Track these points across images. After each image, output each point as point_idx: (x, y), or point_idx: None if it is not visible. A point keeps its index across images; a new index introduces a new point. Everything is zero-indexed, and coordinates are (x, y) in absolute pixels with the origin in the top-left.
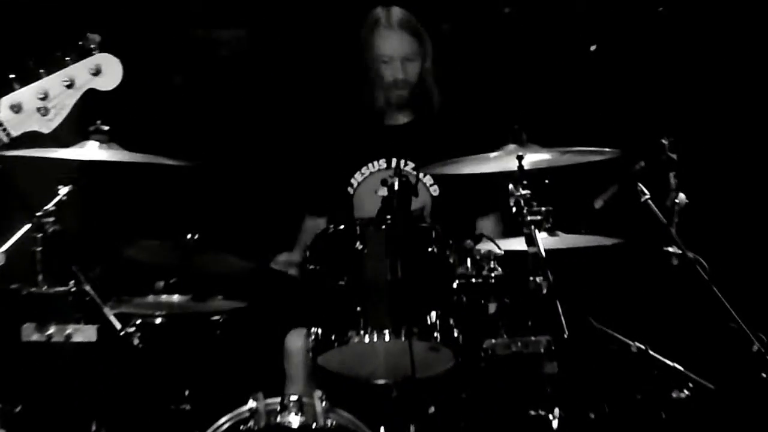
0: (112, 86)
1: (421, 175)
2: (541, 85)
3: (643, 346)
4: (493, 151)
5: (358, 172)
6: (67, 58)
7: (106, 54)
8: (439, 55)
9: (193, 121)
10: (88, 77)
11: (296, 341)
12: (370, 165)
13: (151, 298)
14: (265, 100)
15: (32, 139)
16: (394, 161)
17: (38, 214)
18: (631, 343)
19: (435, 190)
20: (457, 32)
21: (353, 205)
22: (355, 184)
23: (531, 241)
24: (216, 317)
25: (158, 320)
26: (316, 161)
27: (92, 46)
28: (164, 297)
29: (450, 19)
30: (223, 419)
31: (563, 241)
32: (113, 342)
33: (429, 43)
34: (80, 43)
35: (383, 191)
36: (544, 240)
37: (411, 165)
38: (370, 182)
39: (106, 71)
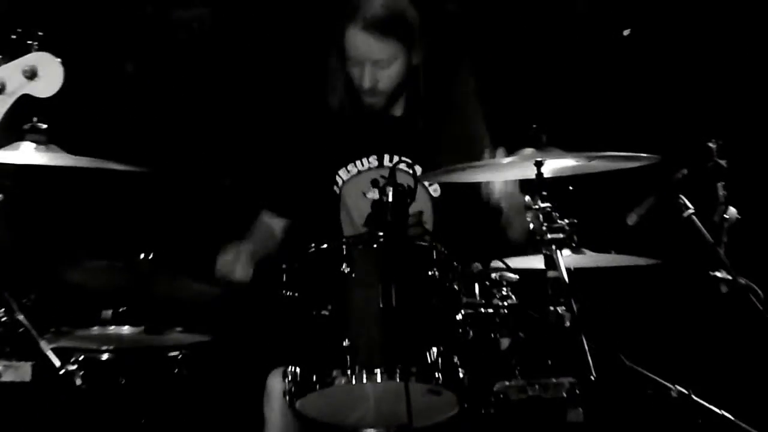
0: (51, 92)
1: (418, 173)
2: (564, 76)
3: (685, 390)
4: (507, 153)
5: (344, 169)
6: None
7: (44, 53)
8: (441, 41)
9: (147, 117)
10: (21, 81)
11: (277, 383)
12: (358, 162)
13: (96, 329)
14: (230, 90)
15: None
16: (386, 159)
17: None
18: (671, 386)
19: (435, 191)
20: (466, 13)
21: (339, 207)
22: (340, 183)
23: (552, 263)
24: (174, 353)
25: (105, 356)
26: (290, 155)
27: (29, 42)
28: (112, 329)
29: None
30: None
31: (590, 261)
32: (51, 382)
33: (418, 35)
34: (13, 36)
35: (373, 194)
36: (567, 260)
37: (406, 162)
38: (359, 181)
39: (43, 74)
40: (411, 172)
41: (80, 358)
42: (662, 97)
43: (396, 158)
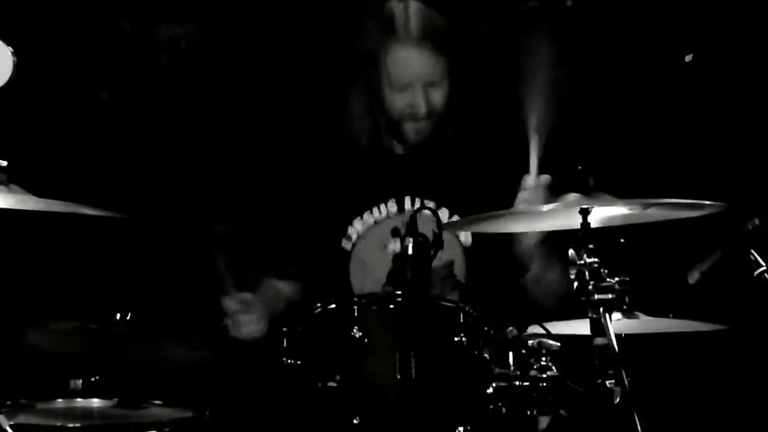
0: None
1: (444, 217)
2: (615, 109)
3: None
4: (548, 200)
5: (358, 220)
6: None
7: None
8: (471, 66)
9: (125, 154)
10: None
11: None
12: (375, 210)
13: (61, 402)
14: (223, 123)
15: None
16: (408, 203)
17: None
18: None
19: (467, 239)
20: (498, 34)
21: (350, 270)
22: (354, 237)
23: (599, 328)
24: (152, 431)
25: None
26: (291, 204)
27: None
28: (80, 402)
29: (489, 18)
30: None
31: (645, 326)
32: None
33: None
34: None
35: (395, 245)
36: (617, 326)
37: (430, 206)
38: (376, 233)
39: None
40: (436, 218)
41: None
42: (730, 135)
43: (418, 202)
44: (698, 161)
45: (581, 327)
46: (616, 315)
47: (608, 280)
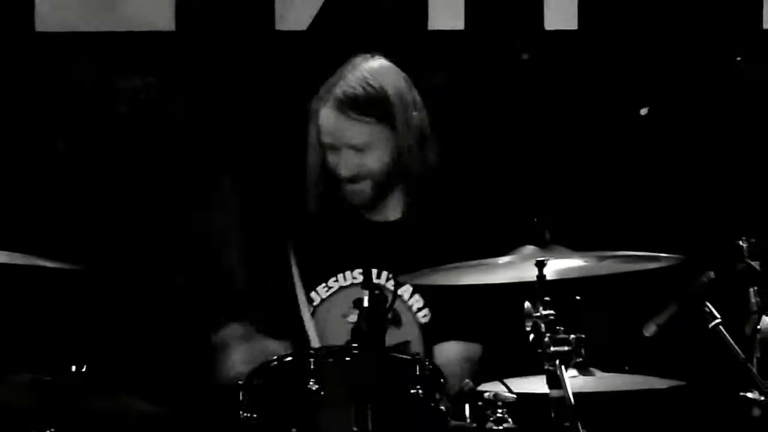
0: None
1: (405, 295)
2: (571, 163)
3: None
4: (502, 254)
5: (322, 286)
6: None
7: None
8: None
9: (80, 204)
10: None
11: None
12: (340, 276)
13: None
14: (180, 176)
15: None
16: (375, 275)
17: None
18: None
19: (425, 316)
20: (456, 84)
21: (308, 335)
22: (317, 301)
23: (555, 381)
24: None
25: None
26: (254, 262)
27: None
28: None
29: (446, 67)
30: None
31: (600, 383)
32: None
33: (413, 111)
34: None
35: (354, 317)
36: (574, 383)
37: (384, 276)
38: (337, 301)
39: None
40: (400, 293)
41: None
42: (685, 188)
43: (384, 275)
44: (654, 214)
45: (537, 385)
46: (572, 372)
47: (564, 334)
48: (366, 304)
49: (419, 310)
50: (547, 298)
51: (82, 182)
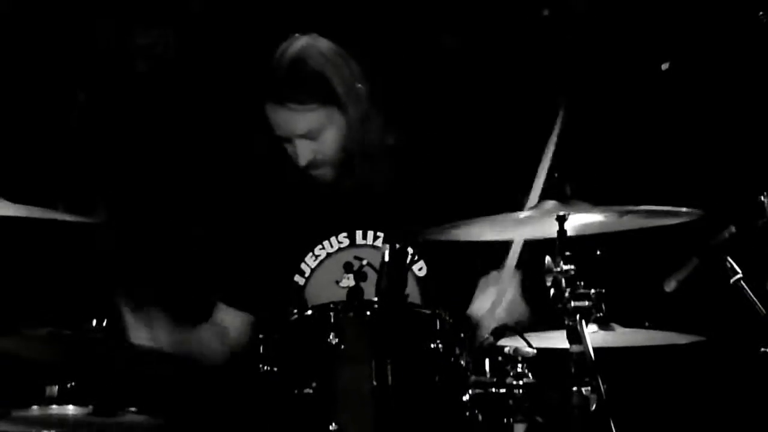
0: None
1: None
2: (592, 118)
3: None
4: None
5: (310, 256)
6: None
7: None
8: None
9: (99, 158)
10: None
11: None
12: (326, 243)
13: (37, 410)
14: (195, 134)
15: None
16: (359, 236)
17: None
18: None
19: (421, 269)
20: (474, 40)
21: (306, 302)
22: (308, 272)
23: (575, 337)
24: None
25: None
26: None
27: None
28: (55, 408)
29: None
30: None
31: (620, 337)
32: None
33: (356, 83)
34: None
35: (348, 280)
36: (594, 338)
37: (382, 237)
38: (328, 268)
39: None
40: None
41: None
42: (707, 143)
43: (370, 235)
44: (674, 169)
45: (557, 340)
46: (592, 327)
47: (584, 289)
48: (387, 258)
49: (415, 263)
50: (567, 254)
51: (102, 134)
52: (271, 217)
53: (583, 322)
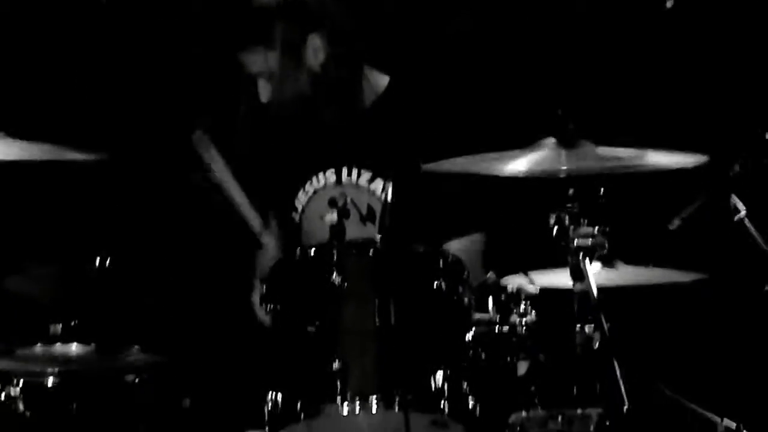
0: None
1: (378, 189)
2: (596, 57)
3: (734, 424)
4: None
5: (301, 192)
6: None
7: None
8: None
9: (104, 94)
10: None
11: None
12: (314, 179)
13: (40, 348)
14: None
15: None
16: (345, 174)
17: None
18: (717, 419)
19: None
20: None
21: (302, 240)
22: (300, 208)
23: (578, 275)
24: (131, 377)
25: (50, 380)
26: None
27: None
28: (58, 347)
29: None
30: None
31: (624, 275)
32: None
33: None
34: None
35: (332, 216)
36: (597, 277)
37: (366, 176)
38: (315, 204)
39: None
40: (372, 189)
41: (21, 383)
42: (711, 81)
43: (355, 171)
44: (679, 107)
45: (561, 278)
46: (596, 265)
47: (588, 227)
48: (389, 196)
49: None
50: (570, 191)
51: (106, 70)
52: (267, 153)
53: (587, 260)
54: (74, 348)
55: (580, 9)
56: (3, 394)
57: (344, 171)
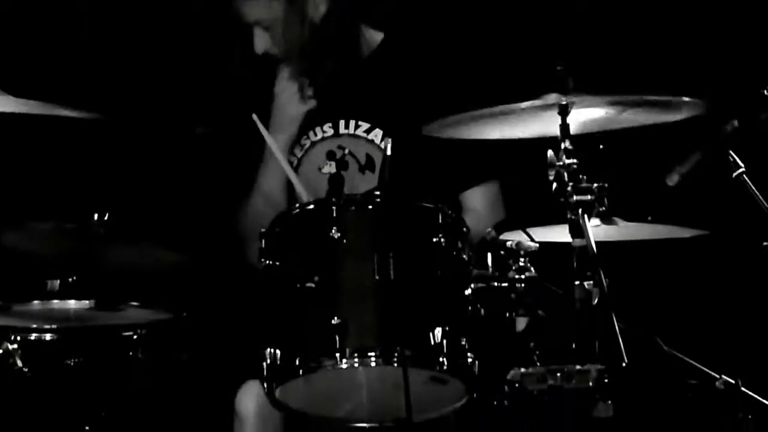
0: None
1: (377, 139)
2: (592, 9)
3: (732, 381)
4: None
5: (297, 146)
6: None
7: None
8: None
9: (101, 52)
10: None
11: (249, 402)
12: (310, 133)
13: (37, 304)
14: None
15: None
16: (342, 126)
17: None
18: (716, 375)
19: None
20: None
21: (300, 195)
22: (295, 162)
23: (577, 230)
24: (129, 333)
25: (48, 336)
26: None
27: None
28: (56, 303)
29: None
30: None
31: (623, 231)
32: None
33: None
34: None
35: (330, 167)
36: (596, 232)
37: (363, 127)
38: (312, 157)
39: None
40: (370, 138)
41: (18, 338)
42: (709, 35)
43: (352, 124)
44: (677, 62)
45: (559, 234)
46: (595, 221)
47: (587, 183)
48: (389, 153)
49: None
50: (569, 147)
51: (102, 27)
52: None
53: (586, 216)
54: (72, 304)
55: None
56: (1, 350)
57: (341, 123)
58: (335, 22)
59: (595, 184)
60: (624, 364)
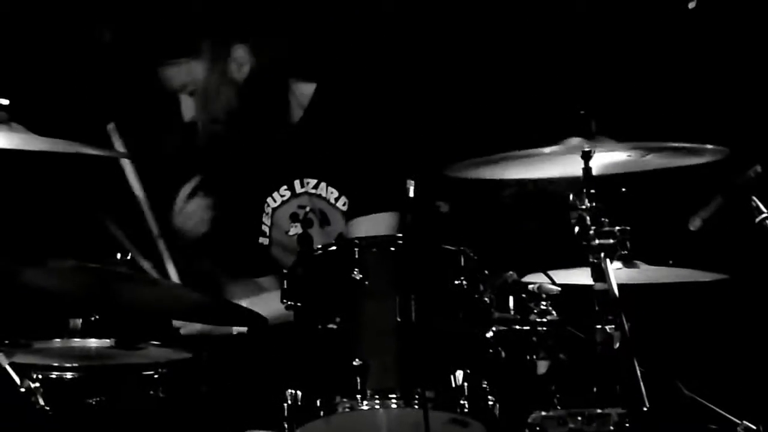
0: None
1: (323, 191)
2: (618, 56)
3: (753, 426)
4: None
5: (264, 214)
6: None
7: None
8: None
9: (122, 94)
10: None
11: None
12: (269, 199)
13: (58, 342)
14: None
15: None
16: (297, 185)
17: None
18: (737, 420)
19: (344, 204)
20: None
21: (273, 262)
22: (267, 230)
23: (599, 273)
24: (150, 372)
25: (69, 375)
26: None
27: None
28: (77, 341)
29: None
30: None
31: (644, 275)
32: (8, 403)
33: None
34: None
35: (296, 228)
36: (618, 275)
37: (312, 183)
38: (278, 221)
39: None
40: (318, 193)
41: (38, 377)
42: (733, 81)
43: (308, 183)
44: (701, 108)
45: (581, 276)
46: (617, 264)
47: (609, 227)
48: (411, 193)
49: (337, 200)
50: (592, 191)
51: (126, 71)
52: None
53: (608, 259)
54: (93, 342)
55: (605, 10)
56: (23, 388)
57: (297, 183)
58: (261, 82)
59: (617, 228)
60: (645, 408)
